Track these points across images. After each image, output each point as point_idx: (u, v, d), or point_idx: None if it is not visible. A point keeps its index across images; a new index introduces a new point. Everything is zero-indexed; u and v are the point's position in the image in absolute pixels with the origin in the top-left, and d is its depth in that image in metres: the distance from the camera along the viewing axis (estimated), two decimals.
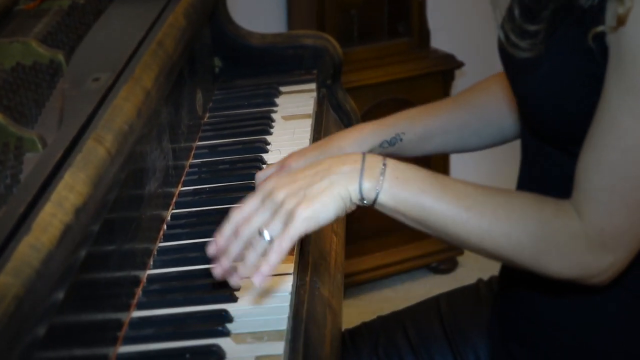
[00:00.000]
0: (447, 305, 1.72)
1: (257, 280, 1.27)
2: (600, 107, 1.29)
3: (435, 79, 3.42)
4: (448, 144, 1.74)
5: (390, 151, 1.68)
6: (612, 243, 1.30)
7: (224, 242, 1.33)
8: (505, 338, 1.57)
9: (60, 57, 1.73)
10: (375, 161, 1.34)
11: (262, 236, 1.30)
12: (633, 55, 1.25)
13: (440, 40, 3.49)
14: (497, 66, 1.49)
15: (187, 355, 1.31)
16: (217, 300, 1.42)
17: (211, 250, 1.34)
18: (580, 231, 1.31)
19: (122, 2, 2.03)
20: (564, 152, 1.39)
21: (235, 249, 1.32)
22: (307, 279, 1.55)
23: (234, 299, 1.43)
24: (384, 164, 1.34)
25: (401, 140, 1.68)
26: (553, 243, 1.33)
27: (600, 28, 1.26)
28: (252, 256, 1.30)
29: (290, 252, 1.55)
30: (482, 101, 1.71)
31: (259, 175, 1.68)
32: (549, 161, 1.49)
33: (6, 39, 1.79)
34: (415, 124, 1.70)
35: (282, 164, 1.65)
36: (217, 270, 1.33)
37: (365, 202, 1.33)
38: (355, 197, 1.33)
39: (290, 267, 1.53)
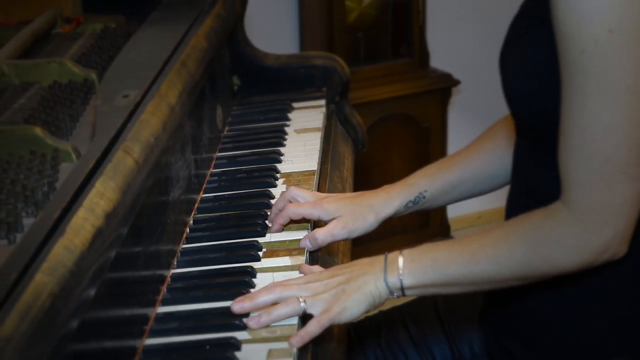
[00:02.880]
0: (444, 301, 1.71)
1: (296, 342, 1.28)
2: (562, 94, 1.29)
3: (434, 95, 3.43)
4: (467, 192, 1.74)
5: (415, 209, 1.70)
6: (603, 217, 1.28)
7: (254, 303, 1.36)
8: (498, 332, 1.56)
9: (93, 76, 1.74)
10: (393, 257, 1.39)
11: (300, 303, 1.34)
12: (565, 36, 1.25)
13: (439, 60, 3.49)
14: (489, 85, 1.50)
15: (207, 347, 1.31)
16: (234, 297, 1.41)
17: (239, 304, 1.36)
18: (572, 219, 1.30)
19: (149, 26, 2.04)
20: (551, 150, 1.37)
21: (265, 300, 1.35)
22: (317, 265, 1.54)
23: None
24: (401, 255, 1.39)
25: (424, 197, 1.68)
26: (553, 242, 1.32)
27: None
28: (282, 312, 1.33)
29: (301, 252, 1.56)
30: (491, 148, 1.71)
31: (293, 210, 1.63)
32: (538, 165, 1.48)
33: (44, 60, 1.81)
34: (435, 181, 1.69)
35: (317, 203, 1.63)
36: (236, 308, 1.35)
37: (395, 294, 1.38)
38: (385, 292, 1.38)
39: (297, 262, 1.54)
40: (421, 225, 3.49)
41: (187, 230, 1.66)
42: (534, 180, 1.49)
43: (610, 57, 1.23)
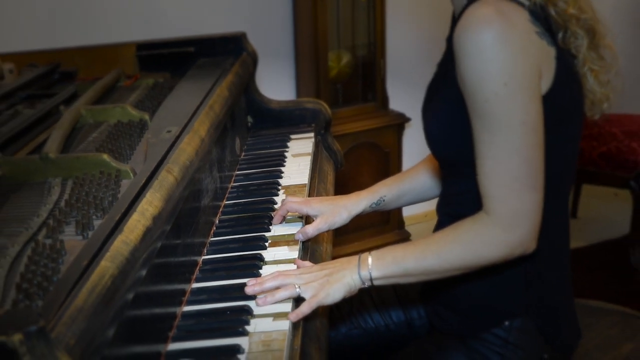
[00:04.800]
0: None
1: (293, 318, 1.29)
2: (473, 132, 1.28)
3: (392, 129, 3.42)
4: (414, 199, 1.74)
5: (377, 209, 1.70)
6: (515, 220, 1.27)
7: (263, 287, 1.36)
8: (433, 301, 1.55)
9: (147, 117, 1.74)
10: (365, 257, 1.38)
11: (296, 289, 1.34)
12: (472, 91, 1.24)
13: (395, 103, 3.49)
14: None
15: (228, 312, 1.30)
16: (248, 276, 1.41)
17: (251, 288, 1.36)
18: (492, 223, 1.28)
19: (187, 81, 2.04)
20: (461, 174, 1.38)
21: (270, 285, 1.35)
22: (307, 259, 1.54)
23: (259, 274, 1.43)
24: (370, 255, 1.38)
25: (384, 201, 1.69)
26: (479, 241, 1.30)
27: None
28: (282, 295, 1.33)
29: (296, 243, 1.55)
30: (429, 169, 1.71)
31: (290, 199, 1.66)
32: (452, 184, 1.48)
33: (111, 105, 1.82)
34: (391, 189, 1.70)
35: (306, 202, 1.65)
36: (249, 291, 1.35)
37: (366, 283, 1.37)
38: (358, 282, 1.37)
39: (296, 253, 1.53)
40: (384, 222, 3.48)
41: (214, 227, 1.65)
42: (451, 196, 1.49)
43: (507, 103, 1.23)
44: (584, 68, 1.36)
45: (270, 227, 1.63)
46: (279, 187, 1.84)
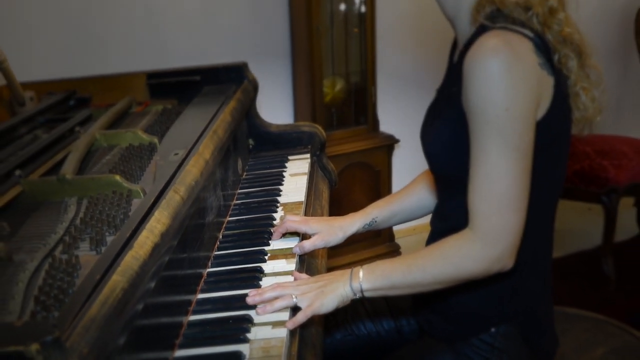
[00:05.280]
0: None
1: (290, 326, 1.29)
2: (470, 151, 1.28)
3: (382, 149, 3.42)
4: (404, 218, 1.73)
5: (370, 229, 1.69)
6: (496, 237, 1.26)
7: (262, 298, 1.36)
8: (425, 308, 1.54)
9: (156, 140, 1.74)
10: (356, 270, 1.38)
11: (293, 299, 1.34)
12: (475, 112, 1.25)
13: (385, 126, 3.50)
14: (419, 143, 1.48)
15: (230, 321, 1.30)
16: (250, 287, 1.41)
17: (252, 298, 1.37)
18: (475, 238, 1.28)
19: (193, 107, 2.04)
20: (457, 190, 1.36)
21: (270, 296, 1.35)
22: (304, 271, 1.53)
23: (259, 286, 1.43)
24: (361, 269, 1.37)
25: (375, 221, 1.68)
26: (461, 255, 1.29)
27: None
28: (280, 304, 1.33)
29: (293, 257, 1.55)
30: (418, 189, 1.70)
31: (289, 217, 1.66)
32: (448, 200, 1.47)
33: (123, 130, 1.81)
34: (383, 211, 1.69)
35: (305, 221, 1.65)
36: (250, 301, 1.36)
37: (357, 294, 1.36)
38: (350, 293, 1.36)
39: (293, 265, 1.52)
40: (376, 235, 3.48)
41: (218, 242, 1.65)
42: (446, 210, 1.48)
43: (506, 127, 1.23)
44: (576, 87, 1.36)
45: (270, 241, 1.63)
46: (278, 205, 1.84)
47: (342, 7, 3.27)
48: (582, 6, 1.39)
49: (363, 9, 3.27)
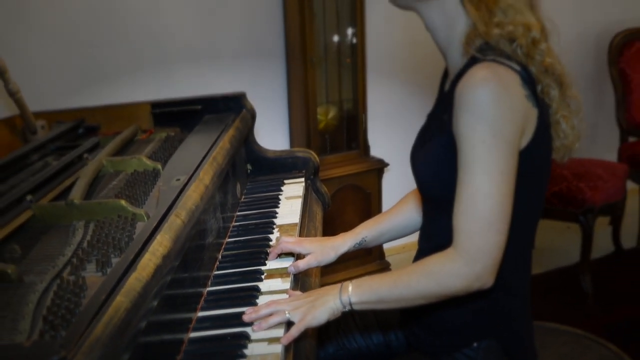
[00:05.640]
0: None
1: (284, 340, 1.29)
2: (457, 174, 1.28)
3: (373, 173, 3.42)
4: (392, 237, 1.73)
5: (360, 248, 1.69)
6: (477, 256, 1.26)
7: (258, 315, 1.36)
8: (412, 323, 1.54)
9: (159, 166, 1.74)
10: (346, 285, 1.38)
11: (286, 314, 1.34)
12: (464, 137, 1.25)
13: (375, 151, 3.50)
14: (408, 167, 1.48)
15: (228, 338, 1.29)
16: (247, 305, 1.41)
17: (248, 316, 1.37)
18: (457, 256, 1.28)
19: (194, 135, 2.04)
20: (444, 211, 1.36)
21: (265, 313, 1.35)
22: (298, 289, 1.53)
23: (256, 304, 1.42)
24: (350, 283, 1.38)
25: (365, 241, 1.68)
26: (444, 272, 1.29)
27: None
28: (274, 320, 1.34)
29: (288, 275, 1.55)
30: (405, 209, 1.70)
31: (284, 239, 1.66)
32: (435, 219, 1.46)
33: (129, 156, 1.81)
34: (372, 230, 1.69)
35: (299, 241, 1.65)
36: (247, 318, 1.35)
37: (346, 307, 1.37)
38: (340, 306, 1.36)
39: (288, 284, 1.52)
40: (367, 253, 3.47)
41: (218, 262, 1.64)
42: (432, 230, 1.48)
43: (492, 152, 1.23)
44: (557, 115, 1.37)
45: (266, 261, 1.63)
46: (274, 226, 1.84)
47: (335, 38, 3.29)
48: (555, 36, 1.40)
49: (355, 40, 3.29)
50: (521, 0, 1.33)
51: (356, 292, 1.36)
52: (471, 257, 1.27)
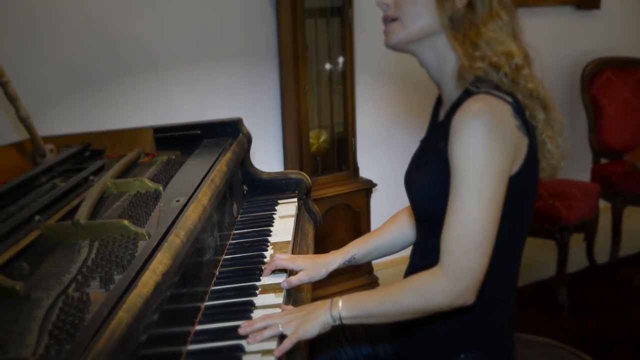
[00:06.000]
0: None
1: (277, 353, 1.29)
2: (449, 199, 1.28)
3: (362, 193, 3.41)
4: (381, 254, 1.73)
5: (350, 265, 1.69)
6: (461, 275, 1.26)
7: (253, 328, 1.35)
8: (402, 336, 1.54)
9: (160, 188, 1.73)
10: (336, 300, 1.37)
11: (279, 328, 1.33)
12: (457, 165, 1.26)
13: (364, 172, 3.51)
14: (393, 187, 1.50)
15: (224, 350, 1.28)
16: (243, 319, 1.39)
17: (244, 329, 1.35)
18: (442, 275, 1.28)
19: (194, 158, 2.03)
20: (438, 230, 1.35)
21: (259, 326, 1.34)
22: (290, 303, 1.52)
23: (250, 317, 1.41)
24: (340, 299, 1.37)
25: (355, 258, 1.68)
26: (429, 289, 1.29)
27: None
28: (268, 334, 1.32)
29: (282, 291, 1.54)
30: (394, 228, 1.71)
31: (280, 256, 1.65)
32: (430, 237, 1.46)
33: (132, 178, 1.81)
34: (361, 249, 1.69)
35: (292, 259, 1.64)
36: (242, 332, 1.34)
37: (336, 322, 1.36)
38: (330, 320, 1.36)
39: (281, 299, 1.51)
40: (356, 268, 3.45)
41: (215, 278, 1.63)
42: (426, 248, 1.46)
43: (483, 180, 1.24)
44: (543, 136, 1.39)
45: (261, 277, 1.62)
46: (268, 244, 1.83)
47: (327, 66, 3.31)
48: (538, 63, 1.42)
49: (345, 68, 3.31)
50: (503, 31, 1.34)
51: (346, 307, 1.35)
52: (456, 277, 1.27)
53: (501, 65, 1.32)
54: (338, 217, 3.35)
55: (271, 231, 1.92)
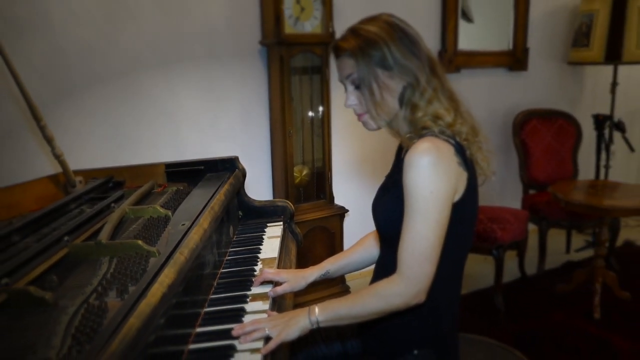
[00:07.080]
0: None
1: (264, 351, 1.27)
2: (403, 221, 1.29)
3: (336, 217, 3.39)
4: (352, 269, 1.71)
5: (325, 278, 1.68)
6: (415, 280, 1.27)
7: (244, 331, 1.34)
8: (366, 334, 1.53)
9: (170, 213, 1.72)
10: (313, 307, 1.37)
11: (266, 331, 1.32)
12: (408, 193, 1.27)
13: (339, 200, 3.50)
14: (364, 212, 1.49)
15: (220, 349, 1.26)
16: (235, 322, 1.37)
17: (236, 331, 1.34)
18: (399, 280, 1.29)
19: (198, 189, 2.02)
20: (397, 247, 1.35)
21: (249, 329, 1.33)
22: (276, 310, 1.51)
23: (242, 321, 1.39)
24: (317, 306, 1.36)
25: (329, 272, 1.68)
26: (389, 292, 1.30)
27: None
28: (256, 335, 1.31)
29: (268, 298, 1.53)
30: (363, 247, 1.70)
31: (267, 270, 1.64)
32: (389, 253, 1.46)
33: (146, 206, 1.79)
34: (334, 265, 1.69)
35: (278, 271, 1.64)
36: (235, 333, 1.33)
37: (314, 325, 1.35)
38: (308, 324, 1.35)
39: (268, 306, 1.50)
40: (330, 280, 3.41)
41: (213, 288, 1.62)
42: (387, 261, 1.46)
43: (429, 205, 1.25)
44: (474, 153, 1.39)
45: (252, 288, 1.61)
46: (258, 260, 1.82)
47: (310, 114, 3.32)
48: (473, 110, 1.44)
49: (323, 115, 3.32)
50: (438, 96, 1.36)
51: (322, 313, 1.35)
52: (410, 282, 1.28)
53: (440, 115, 1.35)
54: (316, 237, 3.33)
55: (261, 249, 1.91)
